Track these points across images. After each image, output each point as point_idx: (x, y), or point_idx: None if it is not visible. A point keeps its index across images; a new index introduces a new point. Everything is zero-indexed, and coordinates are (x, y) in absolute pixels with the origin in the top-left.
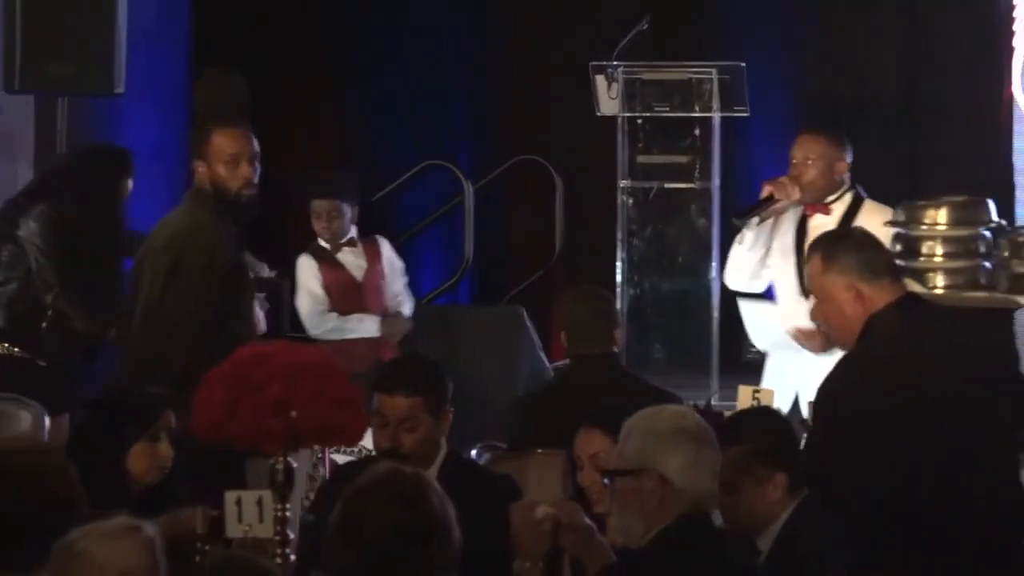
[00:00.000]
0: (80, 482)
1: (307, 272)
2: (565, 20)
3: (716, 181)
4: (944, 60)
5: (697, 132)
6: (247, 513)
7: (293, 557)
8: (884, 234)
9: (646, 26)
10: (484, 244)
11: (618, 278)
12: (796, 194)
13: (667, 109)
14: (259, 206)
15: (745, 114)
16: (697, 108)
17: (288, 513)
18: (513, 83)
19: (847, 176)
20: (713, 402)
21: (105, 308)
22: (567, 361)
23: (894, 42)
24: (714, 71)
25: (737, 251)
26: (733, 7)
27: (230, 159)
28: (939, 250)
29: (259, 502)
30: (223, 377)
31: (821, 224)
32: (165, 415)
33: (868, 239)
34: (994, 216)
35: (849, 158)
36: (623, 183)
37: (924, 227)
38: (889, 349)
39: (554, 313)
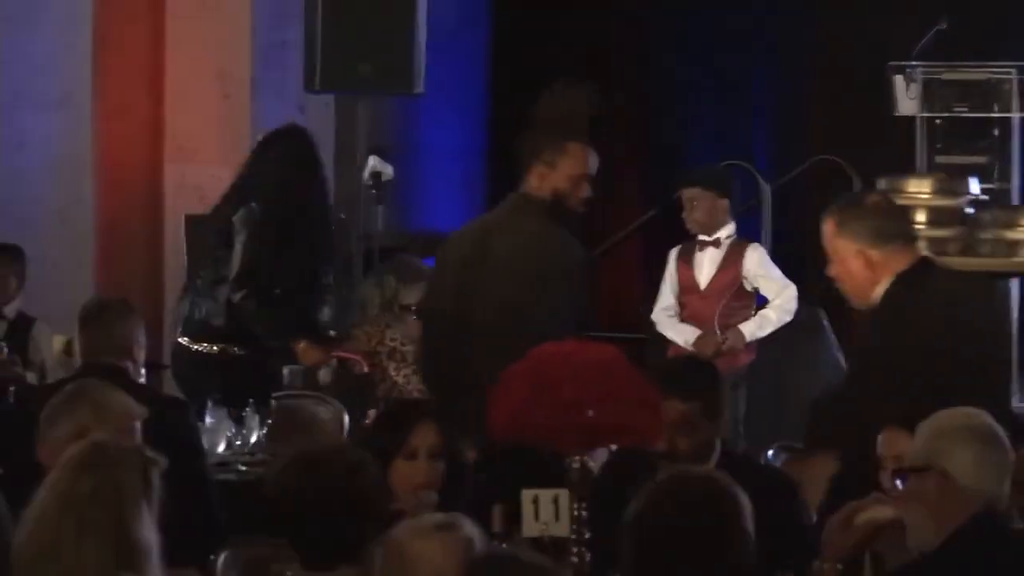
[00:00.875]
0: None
1: (668, 265)
2: (864, 20)
3: (1016, 182)
4: None
5: (996, 133)
6: (543, 511)
7: (590, 556)
8: None
9: (944, 26)
10: (782, 244)
11: None
12: None
13: (966, 109)
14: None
15: None
16: (996, 108)
17: (585, 512)
18: (812, 83)
19: None
20: (1016, 403)
21: (287, 322)
22: None
23: None
24: (1014, 71)
25: None
26: None
27: (580, 177)
28: (921, 218)
29: (555, 500)
30: (521, 376)
31: None
32: (420, 431)
33: (881, 205)
34: (974, 189)
35: None
36: None
37: (907, 196)
38: (896, 316)
39: (852, 314)
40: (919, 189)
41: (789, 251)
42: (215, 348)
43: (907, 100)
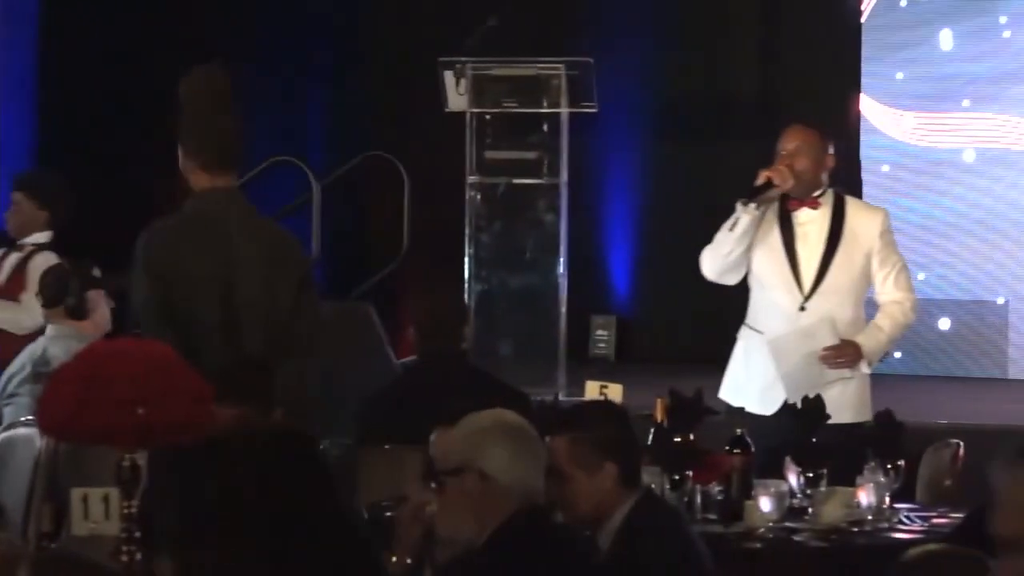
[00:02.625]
0: None
1: None
2: (416, 15)
3: (564, 177)
4: (798, 59)
5: (545, 128)
6: (93, 510)
7: (140, 556)
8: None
9: (495, 22)
10: (333, 241)
11: (466, 274)
12: (790, 183)
13: (515, 105)
14: None
15: (593, 110)
16: (545, 104)
17: (135, 510)
18: (366, 79)
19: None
20: (560, 397)
21: None
22: (414, 358)
23: (749, 38)
24: (562, 67)
25: (724, 237)
26: (583, 3)
27: None
28: None
29: (105, 499)
30: (73, 375)
31: (809, 219)
32: None
33: None
34: None
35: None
36: (471, 179)
37: None
38: None
39: (402, 309)
40: None
41: (340, 247)
42: None
43: (457, 96)
